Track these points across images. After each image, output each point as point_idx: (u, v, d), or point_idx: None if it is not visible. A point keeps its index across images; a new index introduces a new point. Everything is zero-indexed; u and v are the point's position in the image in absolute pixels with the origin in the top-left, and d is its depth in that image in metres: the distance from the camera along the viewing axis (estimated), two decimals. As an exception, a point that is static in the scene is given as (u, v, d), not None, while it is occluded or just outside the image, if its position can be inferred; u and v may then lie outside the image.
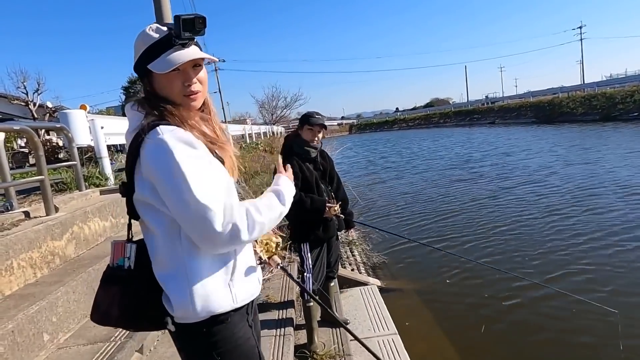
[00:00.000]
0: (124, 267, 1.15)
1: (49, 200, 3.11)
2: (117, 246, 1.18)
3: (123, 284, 1.14)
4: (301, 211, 2.83)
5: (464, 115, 51.94)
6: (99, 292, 1.18)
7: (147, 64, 1.10)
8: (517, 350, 3.69)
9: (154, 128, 1.06)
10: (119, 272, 1.15)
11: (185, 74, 1.13)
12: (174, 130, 1.06)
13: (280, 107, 50.74)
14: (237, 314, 1.18)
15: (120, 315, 1.14)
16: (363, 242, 6.65)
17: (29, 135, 3.20)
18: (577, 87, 41.90)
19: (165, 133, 1.04)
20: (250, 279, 1.23)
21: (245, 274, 1.20)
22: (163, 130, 1.05)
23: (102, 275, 1.19)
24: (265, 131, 27.85)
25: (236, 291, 1.16)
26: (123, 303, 1.13)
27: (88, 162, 5.38)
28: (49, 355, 2.09)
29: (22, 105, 19.85)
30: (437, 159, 17.99)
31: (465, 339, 3.96)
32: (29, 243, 2.53)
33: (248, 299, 1.22)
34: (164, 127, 1.06)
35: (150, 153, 1.04)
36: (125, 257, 1.15)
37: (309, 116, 2.92)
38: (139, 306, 1.12)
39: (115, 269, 1.16)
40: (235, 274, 1.16)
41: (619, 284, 4.51)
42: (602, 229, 6.27)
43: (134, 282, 1.12)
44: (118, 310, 1.13)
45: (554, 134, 23.20)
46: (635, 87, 31.40)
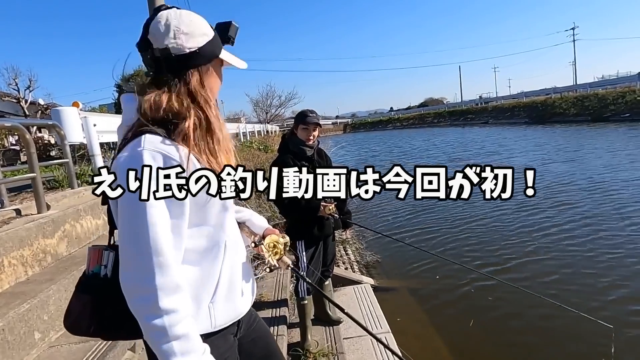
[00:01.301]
0: (100, 275, 1.07)
1: (40, 198, 3.08)
2: (94, 253, 1.10)
3: (97, 293, 1.06)
4: (296, 209, 2.83)
5: (458, 115, 52.19)
6: (72, 300, 1.10)
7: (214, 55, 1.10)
8: (506, 344, 3.80)
9: (140, 136, 0.99)
10: (94, 280, 1.08)
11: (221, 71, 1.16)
12: (157, 146, 0.97)
13: (274, 106, 50.64)
14: (216, 335, 1.12)
15: (89, 325, 1.07)
16: (357, 241, 6.66)
17: (21, 132, 3.17)
18: (570, 88, 42.33)
19: (146, 146, 0.96)
20: (235, 299, 1.15)
21: (230, 293, 1.13)
22: (146, 143, 0.97)
23: (77, 282, 1.12)
24: (260, 130, 27.81)
25: (216, 314, 1.10)
26: (96, 314, 1.06)
27: (80, 159, 5.34)
28: (40, 353, 2.08)
29: (14, 102, 19.68)
30: (426, 158, 18.59)
31: (456, 334, 4.02)
32: (20, 241, 2.51)
33: (230, 320, 1.15)
34: (150, 137, 0.98)
35: (124, 163, 0.97)
36: (102, 264, 1.08)
37: (303, 115, 2.92)
38: (113, 317, 1.04)
39: (90, 277, 1.09)
40: (217, 295, 1.10)
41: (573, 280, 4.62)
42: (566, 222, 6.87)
43: (110, 291, 1.02)
44: (89, 320, 1.06)
45: (543, 134, 23.90)
46: (626, 89, 31.78)
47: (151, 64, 1.05)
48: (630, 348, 3.45)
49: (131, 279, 0.95)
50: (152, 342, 0.96)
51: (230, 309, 1.14)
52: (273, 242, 1.34)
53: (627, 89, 31.32)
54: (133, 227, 0.95)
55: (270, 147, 16.57)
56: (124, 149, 1.00)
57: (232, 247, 1.15)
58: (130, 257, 0.95)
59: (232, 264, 1.14)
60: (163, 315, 0.93)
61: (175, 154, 0.98)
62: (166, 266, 0.94)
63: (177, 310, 0.95)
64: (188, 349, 0.96)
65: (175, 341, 0.94)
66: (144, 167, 0.93)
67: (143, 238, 0.93)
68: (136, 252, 0.94)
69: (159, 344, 0.95)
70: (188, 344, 0.96)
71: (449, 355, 3.72)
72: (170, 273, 0.95)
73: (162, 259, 0.94)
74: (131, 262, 0.95)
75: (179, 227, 1.00)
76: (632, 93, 29.66)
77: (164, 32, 1.02)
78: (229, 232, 1.14)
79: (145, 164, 0.94)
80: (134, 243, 0.94)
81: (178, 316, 0.95)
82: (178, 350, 0.94)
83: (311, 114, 2.91)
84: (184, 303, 0.97)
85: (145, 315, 0.94)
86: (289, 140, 2.97)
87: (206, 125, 1.05)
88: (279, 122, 47.80)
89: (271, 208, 5.87)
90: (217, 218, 1.09)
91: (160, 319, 0.93)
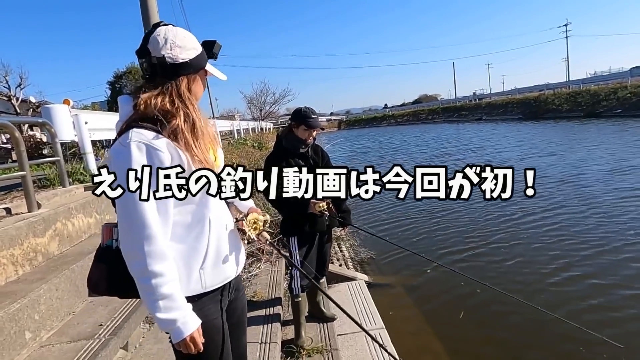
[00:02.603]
0: (112, 248, 1.28)
1: (31, 197, 3.05)
2: (106, 229, 1.32)
3: (110, 263, 1.27)
4: (284, 204, 2.82)
5: (452, 111, 52.30)
6: (92, 268, 1.33)
7: (200, 67, 1.32)
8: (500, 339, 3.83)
9: (128, 130, 1.18)
10: (107, 252, 1.30)
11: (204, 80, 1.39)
12: (143, 138, 1.17)
13: (268, 103, 50.51)
14: (207, 296, 1.33)
15: (107, 287, 1.30)
16: (351, 237, 6.66)
17: (10, 130, 3.13)
18: (563, 84, 42.55)
19: (133, 140, 1.16)
20: (223, 265, 1.36)
21: (218, 261, 1.34)
22: (133, 135, 1.17)
23: (95, 253, 1.34)
24: (254, 127, 27.72)
25: (206, 278, 1.31)
26: (110, 279, 1.28)
27: (72, 158, 5.29)
28: (31, 353, 2.06)
29: (5, 100, 19.46)
30: (415, 154, 19.30)
31: (449, 329, 4.06)
32: (10, 240, 2.48)
33: (219, 284, 1.36)
34: (137, 131, 1.17)
35: (114, 153, 1.20)
36: (113, 239, 1.29)
37: (305, 116, 2.84)
38: (124, 281, 1.23)
39: (105, 249, 1.31)
40: (207, 262, 1.31)
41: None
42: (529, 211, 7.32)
43: (120, 260, 1.21)
44: (106, 283, 1.30)
45: (531, 130, 24.59)
46: (618, 85, 32.04)
47: (147, 69, 1.27)
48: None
49: (126, 248, 1.17)
50: (143, 299, 1.18)
51: (218, 274, 1.35)
52: (254, 219, 1.50)
53: (619, 85, 31.59)
54: (125, 206, 1.16)
55: (264, 145, 16.51)
56: (115, 142, 1.21)
57: (217, 222, 1.34)
58: (125, 230, 1.17)
59: (218, 237, 1.34)
60: (151, 278, 1.14)
61: (161, 146, 1.18)
62: (153, 237, 1.15)
63: (163, 274, 1.15)
64: (172, 307, 1.17)
65: (162, 300, 1.16)
66: (132, 156, 1.14)
67: (132, 215, 1.15)
68: (129, 226, 1.16)
69: (148, 301, 1.17)
70: (172, 302, 1.17)
71: (442, 350, 3.74)
72: (156, 243, 1.15)
73: (149, 231, 1.14)
74: (125, 234, 1.17)
75: (165, 205, 1.20)
76: (624, 89, 29.90)
77: (162, 44, 1.24)
78: (213, 209, 1.32)
79: (133, 153, 1.14)
80: (127, 218, 1.16)
81: (164, 279, 1.15)
82: (163, 306, 1.16)
83: (314, 116, 2.86)
84: (170, 269, 1.18)
85: (138, 278, 1.16)
86: (283, 138, 2.95)
87: (192, 123, 1.25)
88: (273, 119, 47.64)
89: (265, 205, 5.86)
90: (200, 197, 1.26)
91: (149, 280, 1.14)
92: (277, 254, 4.39)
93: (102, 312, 2.51)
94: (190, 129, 1.24)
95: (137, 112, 1.21)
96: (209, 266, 1.31)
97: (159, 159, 1.17)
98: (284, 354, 2.95)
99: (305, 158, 2.94)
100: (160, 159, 1.17)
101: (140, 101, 1.22)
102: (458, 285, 4.86)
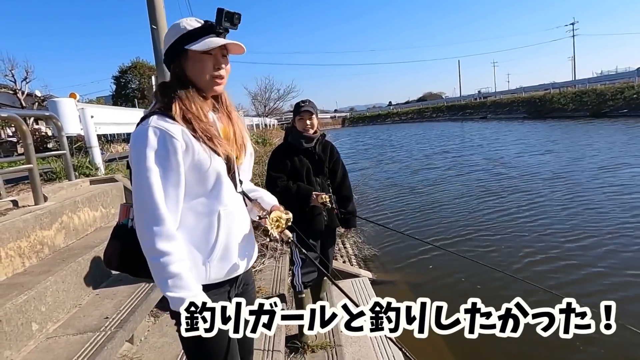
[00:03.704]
0: (127, 227, 1.33)
1: (37, 190, 3.06)
2: (124, 208, 1.38)
3: (124, 240, 1.33)
4: (286, 198, 2.81)
5: (457, 109, 52.16)
6: (107, 244, 1.39)
7: (185, 46, 1.28)
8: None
9: (150, 117, 1.24)
10: (122, 230, 1.35)
11: (216, 58, 1.31)
12: (160, 124, 1.22)
13: (273, 99, 50.34)
14: (212, 288, 1.34)
15: (119, 264, 1.36)
16: (355, 234, 6.66)
17: (17, 122, 3.14)
18: (569, 84, 42.32)
19: (152, 124, 1.21)
20: (231, 260, 1.37)
21: (226, 255, 1.35)
22: (152, 120, 1.22)
23: (112, 231, 1.39)
24: (258, 123, 27.73)
25: (211, 270, 1.33)
26: (123, 255, 1.34)
27: (78, 151, 5.30)
28: (37, 345, 2.07)
29: (10, 93, 19.51)
30: (416, 151, 19.66)
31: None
32: (17, 232, 2.49)
33: (223, 278, 1.37)
34: (157, 117, 1.23)
35: (133, 137, 1.24)
36: (129, 218, 1.34)
37: (297, 105, 2.92)
38: (135, 260, 1.28)
39: (120, 227, 1.36)
40: (214, 255, 1.32)
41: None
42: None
43: (134, 239, 1.26)
44: (118, 260, 1.35)
45: (531, 129, 24.92)
46: (625, 84, 31.79)
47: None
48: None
49: (139, 227, 1.22)
50: (155, 278, 1.21)
51: (224, 268, 1.36)
52: (277, 217, 1.49)
53: (626, 85, 31.33)
54: (139, 188, 1.21)
55: (268, 141, 16.50)
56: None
57: (228, 217, 1.35)
58: (138, 210, 1.22)
59: (228, 231, 1.35)
60: (159, 256, 1.18)
61: (176, 134, 1.22)
62: (161, 218, 1.19)
63: (171, 253, 1.19)
64: (180, 286, 1.19)
65: (170, 278, 1.18)
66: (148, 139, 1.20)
67: (145, 196, 1.19)
68: (141, 207, 1.21)
69: (158, 278, 1.20)
70: (180, 281, 1.19)
71: (445, 346, 3.74)
72: (165, 224, 1.19)
73: (158, 212, 1.19)
74: (138, 214, 1.22)
75: (176, 192, 1.23)
76: (631, 89, 29.68)
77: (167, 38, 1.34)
78: (225, 203, 1.34)
79: (149, 137, 1.19)
80: (139, 199, 1.21)
81: (172, 258, 1.18)
82: (171, 285, 1.19)
83: (303, 104, 2.88)
84: (178, 249, 1.21)
85: (149, 256, 1.20)
86: (289, 133, 2.97)
87: (188, 110, 1.27)
88: (277, 115, 47.59)
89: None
90: (213, 191, 1.31)
91: (158, 258, 1.18)
92: (282, 250, 4.40)
93: (108, 305, 2.52)
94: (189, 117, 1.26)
95: (157, 101, 1.30)
96: (215, 259, 1.32)
97: (173, 146, 1.21)
98: (288, 350, 2.95)
99: (310, 154, 2.92)
100: (174, 145, 1.21)
101: (156, 90, 1.33)
102: (462, 282, 4.86)
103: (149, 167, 1.18)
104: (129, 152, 1.26)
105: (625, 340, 3.32)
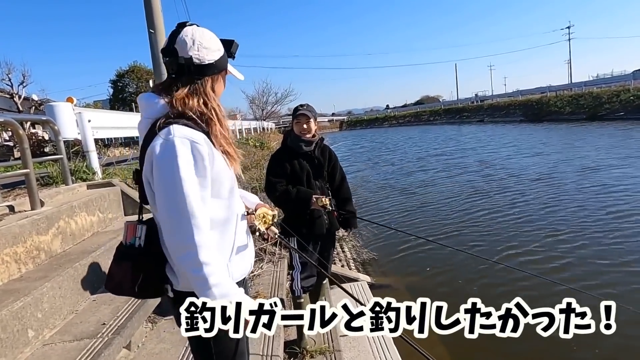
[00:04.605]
0: (135, 246, 1.31)
1: (34, 194, 3.05)
2: (130, 227, 1.35)
3: (134, 260, 1.31)
4: (287, 201, 2.81)
5: (454, 113, 52.22)
6: (112, 267, 1.36)
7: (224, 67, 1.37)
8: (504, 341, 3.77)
9: (168, 126, 1.21)
10: (131, 250, 1.32)
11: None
12: (184, 133, 1.20)
13: (270, 103, 50.39)
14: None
15: (132, 287, 1.31)
16: (353, 238, 6.65)
17: (14, 127, 3.12)
18: (565, 87, 42.43)
19: (176, 134, 1.19)
20: (244, 259, 1.44)
21: (241, 254, 1.42)
22: (175, 130, 1.20)
23: (116, 252, 1.37)
24: (256, 127, 27.74)
25: (233, 270, 1.36)
26: (135, 277, 1.30)
27: (75, 156, 5.28)
28: (34, 351, 2.05)
29: (7, 97, 19.46)
30: (411, 154, 19.95)
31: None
32: (13, 238, 2.47)
33: (241, 276, 1.43)
34: (178, 127, 1.21)
35: (159, 150, 1.19)
36: (136, 236, 1.32)
37: (294, 109, 2.94)
38: (148, 279, 1.30)
39: (128, 248, 1.33)
40: (233, 255, 1.37)
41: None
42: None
43: (144, 258, 1.29)
44: (131, 282, 1.31)
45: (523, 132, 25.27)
46: (621, 87, 31.95)
47: (174, 68, 1.29)
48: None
49: (176, 240, 1.19)
50: (197, 289, 1.20)
51: (241, 267, 1.43)
52: (263, 213, 1.55)
53: (622, 88, 31.48)
54: (173, 198, 1.18)
55: (266, 144, 16.51)
56: (155, 137, 1.21)
57: (238, 217, 1.41)
58: (174, 223, 1.18)
59: (240, 232, 1.42)
60: (203, 267, 1.17)
61: (201, 141, 1.22)
62: (200, 227, 1.18)
63: (212, 262, 1.19)
64: (225, 292, 1.20)
65: (215, 287, 1.18)
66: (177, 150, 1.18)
67: (182, 206, 1.17)
68: (178, 218, 1.17)
69: (203, 290, 1.18)
70: (224, 288, 1.20)
71: (445, 351, 3.72)
72: (204, 233, 1.19)
73: (197, 221, 1.18)
74: (175, 227, 1.18)
75: (205, 197, 1.24)
76: (627, 92, 29.81)
77: (190, 45, 1.28)
78: (239, 208, 1.42)
79: (177, 147, 1.18)
80: (175, 211, 1.18)
81: (213, 267, 1.19)
82: (218, 293, 1.18)
83: (301, 107, 2.89)
84: (216, 257, 1.22)
85: (191, 269, 1.18)
86: (288, 136, 2.98)
87: (219, 123, 1.31)
88: (275, 119, 47.61)
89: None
90: (229, 195, 1.35)
91: (202, 269, 1.17)
92: (280, 254, 4.38)
93: (105, 311, 2.50)
94: (221, 130, 1.31)
95: (174, 110, 1.25)
96: (234, 259, 1.38)
97: (200, 152, 1.21)
98: (286, 355, 2.93)
99: (309, 158, 2.92)
100: (201, 152, 1.21)
101: (175, 100, 1.26)
102: (461, 286, 4.85)
103: (184, 177, 1.17)
104: (154, 167, 1.20)
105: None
